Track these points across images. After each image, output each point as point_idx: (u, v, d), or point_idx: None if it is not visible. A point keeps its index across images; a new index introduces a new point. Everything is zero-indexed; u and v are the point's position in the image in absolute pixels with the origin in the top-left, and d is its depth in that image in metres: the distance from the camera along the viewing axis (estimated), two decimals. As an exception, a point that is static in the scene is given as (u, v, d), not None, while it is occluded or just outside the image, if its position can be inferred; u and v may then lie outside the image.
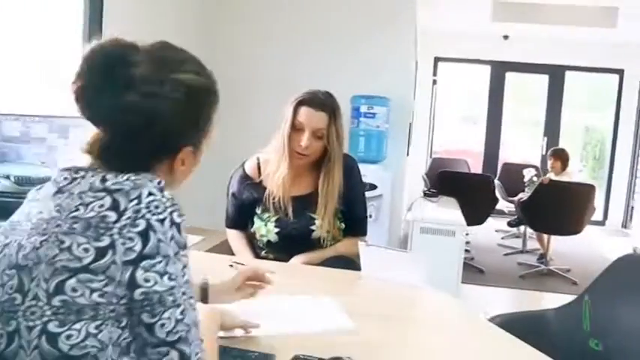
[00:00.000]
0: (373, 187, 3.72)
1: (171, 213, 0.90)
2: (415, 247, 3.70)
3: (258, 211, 2.24)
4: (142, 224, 0.87)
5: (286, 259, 2.17)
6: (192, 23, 3.99)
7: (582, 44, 7.86)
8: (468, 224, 5.50)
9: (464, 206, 4.66)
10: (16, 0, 2.40)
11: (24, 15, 2.39)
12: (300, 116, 2.13)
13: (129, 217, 0.88)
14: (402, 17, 4.13)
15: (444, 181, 5.39)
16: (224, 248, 2.47)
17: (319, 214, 2.18)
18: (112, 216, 0.88)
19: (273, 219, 2.20)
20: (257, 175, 2.25)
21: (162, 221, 0.89)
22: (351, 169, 2.27)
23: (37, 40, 2.40)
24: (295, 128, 2.13)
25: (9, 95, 2.20)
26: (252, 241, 2.30)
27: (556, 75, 8.46)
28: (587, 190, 5.32)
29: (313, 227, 2.18)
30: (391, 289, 1.82)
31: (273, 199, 2.18)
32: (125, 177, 0.92)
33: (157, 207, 0.90)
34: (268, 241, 2.21)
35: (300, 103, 2.14)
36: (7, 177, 1.92)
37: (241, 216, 2.31)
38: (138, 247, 0.86)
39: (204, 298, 1.46)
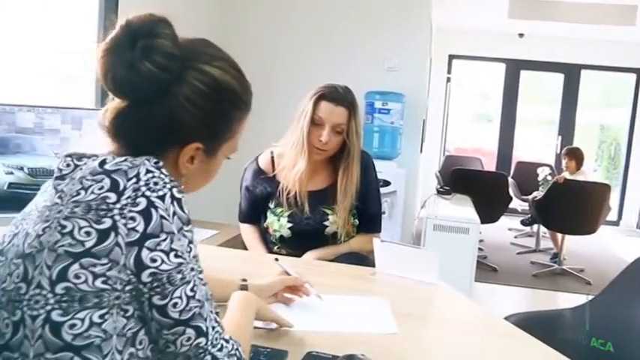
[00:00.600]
0: (387, 183, 3.69)
1: (170, 189, 0.89)
2: (428, 245, 3.66)
3: (272, 205, 2.22)
4: (142, 202, 0.86)
5: (299, 255, 2.15)
6: (205, 18, 3.98)
7: (599, 42, 7.78)
8: (482, 222, 5.47)
9: (477, 204, 4.62)
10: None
11: (38, 7, 2.38)
12: (320, 111, 2.10)
13: (129, 197, 0.86)
14: (417, 13, 4.09)
15: (458, 178, 5.35)
16: (237, 242, 2.46)
17: (337, 210, 2.16)
18: (112, 197, 0.86)
19: (287, 214, 2.18)
20: (271, 170, 2.23)
21: (162, 198, 0.87)
22: (366, 165, 2.25)
23: (50, 32, 2.40)
24: (315, 123, 2.10)
25: (22, 86, 2.20)
26: (265, 235, 2.29)
27: (572, 73, 8.38)
28: (602, 189, 5.26)
29: (327, 223, 2.16)
30: (406, 285, 1.80)
31: (288, 193, 2.16)
32: (123, 159, 0.91)
33: (155, 184, 0.88)
34: (281, 236, 2.20)
35: (320, 98, 2.10)
36: (21, 168, 1.91)
37: (254, 210, 2.29)
38: (141, 227, 0.85)
39: None
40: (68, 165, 0.93)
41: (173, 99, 0.95)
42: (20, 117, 1.91)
